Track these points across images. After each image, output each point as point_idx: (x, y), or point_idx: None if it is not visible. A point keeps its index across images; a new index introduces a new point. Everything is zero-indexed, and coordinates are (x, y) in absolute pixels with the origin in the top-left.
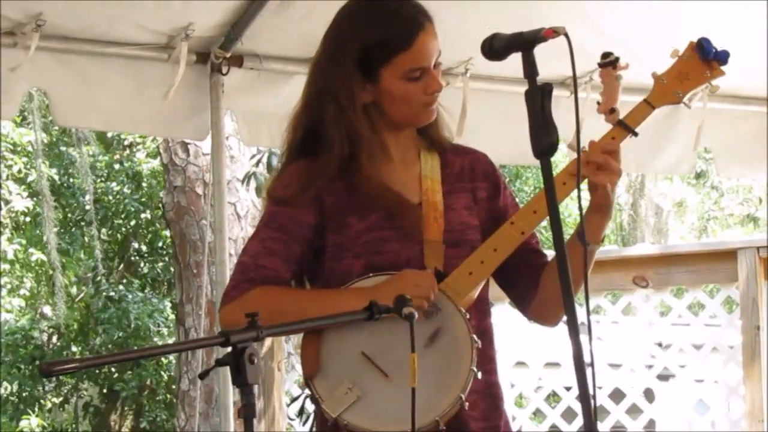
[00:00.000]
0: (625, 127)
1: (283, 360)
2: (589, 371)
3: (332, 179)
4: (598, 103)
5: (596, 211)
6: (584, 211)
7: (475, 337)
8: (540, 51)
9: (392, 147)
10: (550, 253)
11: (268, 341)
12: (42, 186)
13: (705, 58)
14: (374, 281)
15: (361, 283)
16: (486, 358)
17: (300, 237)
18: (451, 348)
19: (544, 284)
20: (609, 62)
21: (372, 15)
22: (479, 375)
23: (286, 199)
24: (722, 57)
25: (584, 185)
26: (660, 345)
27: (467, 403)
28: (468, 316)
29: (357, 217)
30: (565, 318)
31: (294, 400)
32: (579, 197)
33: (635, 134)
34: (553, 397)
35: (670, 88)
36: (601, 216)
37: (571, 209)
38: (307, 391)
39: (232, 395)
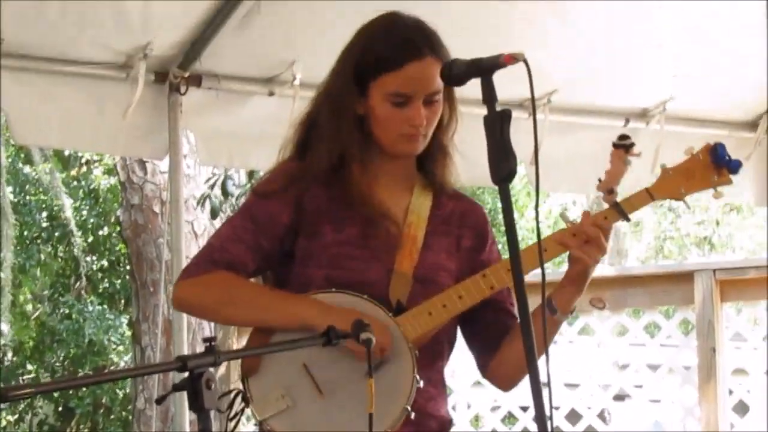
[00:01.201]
0: (619, 211)
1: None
2: (545, 392)
3: (318, 184)
4: (600, 180)
5: (572, 282)
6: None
7: (417, 377)
8: (499, 72)
9: (383, 173)
10: None
11: (224, 364)
12: (4, 204)
13: (717, 163)
14: (337, 299)
15: (323, 297)
16: (429, 396)
17: (271, 233)
18: (392, 382)
19: (507, 348)
20: (623, 145)
21: (380, 30)
22: (413, 415)
23: (267, 192)
24: (734, 166)
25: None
26: (616, 365)
27: None
28: (418, 355)
29: (333, 227)
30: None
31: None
32: (540, 250)
33: (628, 220)
34: (509, 418)
35: (675, 183)
36: (575, 288)
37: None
38: (240, 388)
39: (188, 417)
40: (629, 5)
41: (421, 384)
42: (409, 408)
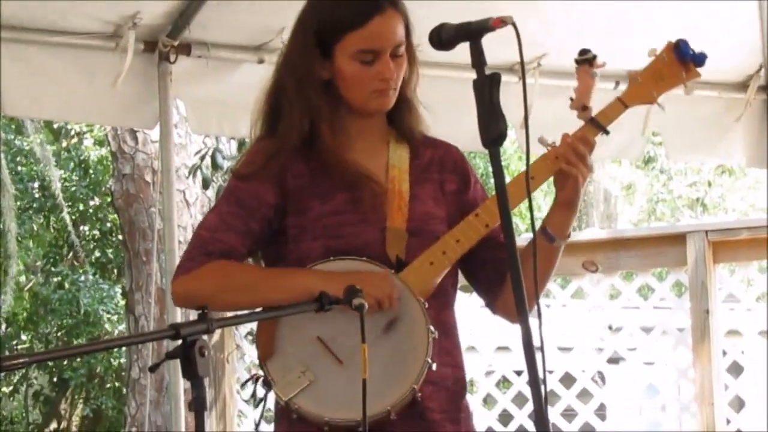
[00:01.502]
0: (596, 125)
1: (233, 352)
2: (539, 356)
3: (297, 159)
4: (571, 99)
5: (564, 205)
6: (550, 206)
7: (432, 328)
8: (488, 37)
9: (356, 134)
10: (520, 245)
11: (218, 331)
12: (4, 176)
13: (682, 60)
14: (335, 266)
15: (322, 266)
16: (443, 351)
17: (259, 214)
18: (407, 338)
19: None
20: (586, 59)
21: None
22: (434, 366)
23: (247, 174)
24: (699, 59)
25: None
26: (610, 328)
27: (420, 394)
28: (426, 306)
29: (319, 201)
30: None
31: (246, 382)
32: (528, 190)
33: (606, 132)
34: (503, 383)
35: (645, 87)
36: (568, 210)
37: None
38: (260, 373)
39: (182, 385)
40: None
41: (436, 335)
42: (430, 360)
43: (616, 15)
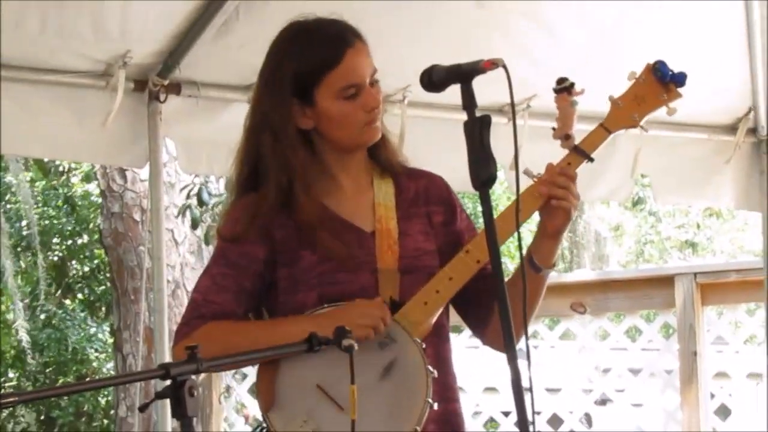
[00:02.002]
0: (581, 153)
1: (223, 394)
2: (527, 397)
3: (280, 213)
4: (554, 128)
5: (551, 236)
6: (535, 236)
7: (430, 368)
8: (478, 78)
9: (341, 174)
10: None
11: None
12: None
13: (662, 81)
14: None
15: (315, 313)
16: (444, 387)
17: (250, 272)
18: (406, 380)
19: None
20: (564, 87)
21: (299, 40)
22: (435, 406)
23: (235, 235)
24: (679, 79)
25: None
26: (598, 370)
27: None
28: (424, 346)
29: (309, 250)
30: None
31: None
32: (518, 222)
33: (591, 160)
34: (491, 423)
35: (627, 111)
36: (553, 240)
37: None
38: (264, 425)
39: (170, 424)
40: (607, 12)
41: (435, 374)
42: (430, 401)
43: (604, 56)
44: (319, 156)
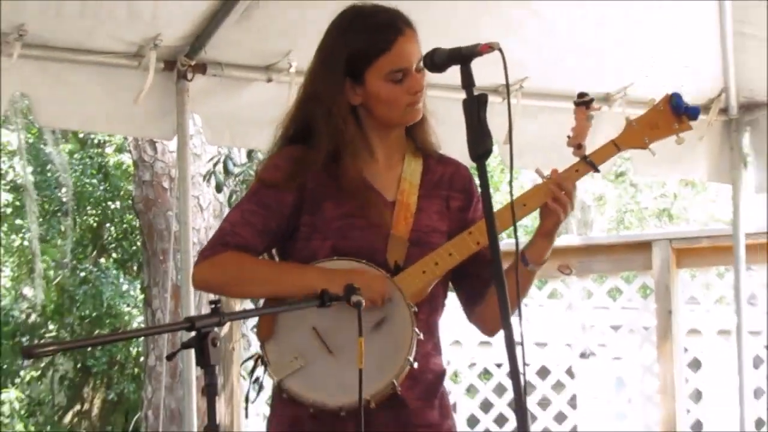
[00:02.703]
0: (590, 164)
1: (240, 340)
2: (518, 350)
3: (320, 172)
4: (569, 137)
5: (543, 235)
6: (533, 235)
7: (417, 330)
8: (476, 61)
9: (378, 147)
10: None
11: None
12: (26, 181)
13: (676, 112)
14: (337, 264)
15: (324, 264)
16: (427, 350)
17: (278, 214)
18: (394, 337)
19: (492, 297)
20: (584, 102)
21: (356, 23)
22: (416, 365)
23: (272, 181)
24: (692, 113)
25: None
26: (582, 327)
27: (400, 388)
28: (416, 310)
29: (333, 203)
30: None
31: (247, 359)
32: (513, 214)
33: (597, 171)
34: (485, 374)
35: (640, 133)
36: (546, 240)
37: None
38: (259, 352)
39: (194, 372)
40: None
41: (421, 336)
42: (411, 359)
43: (591, 41)
44: (364, 129)
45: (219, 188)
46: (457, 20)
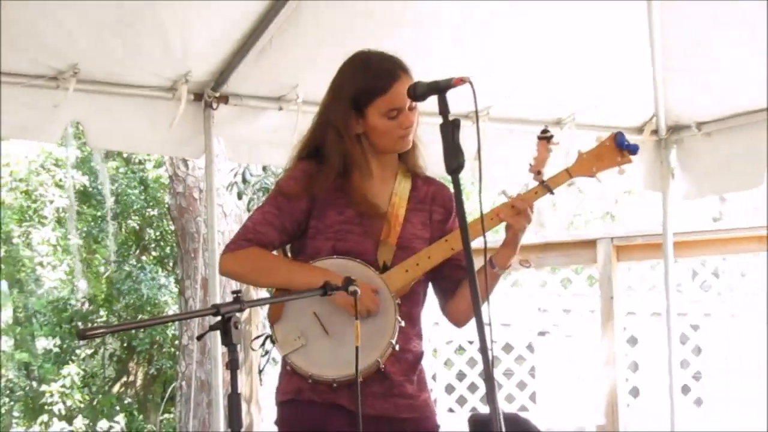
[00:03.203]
0: (546, 188)
1: (257, 323)
2: (487, 330)
3: (331, 187)
4: (530, 164)
5: (507, 245)
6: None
7: (399, 318)
8: (450, 91)
9: (375, 168)
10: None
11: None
12: (69, 193)
13: (619, 147)
14: (336, 262)
15: (326, 261)
16: (407, 336)
17: (292, 217)
18: (380, 323)
19: (461, 296)
20: (545, 137)
21: (362, 67)
22: (397, 347)
23: (290, 191)
24: (633, 149)
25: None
26: (539, 310)
27: (384, 366)
28: (399, 302)
29: (336, 212)
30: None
31: (257, 337)
32: (483, 224)
33: (552, 193)
34: (459, 350)
35: (588, 164)
36: (510, 249)
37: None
38: (269, 332)
39: (220, 349)
40: (547, 39)
41: (403, 323)
42: (393, 341)
43: (547, 77)
44: (365, 153)
45: (240, 196)
46: (430, 56)
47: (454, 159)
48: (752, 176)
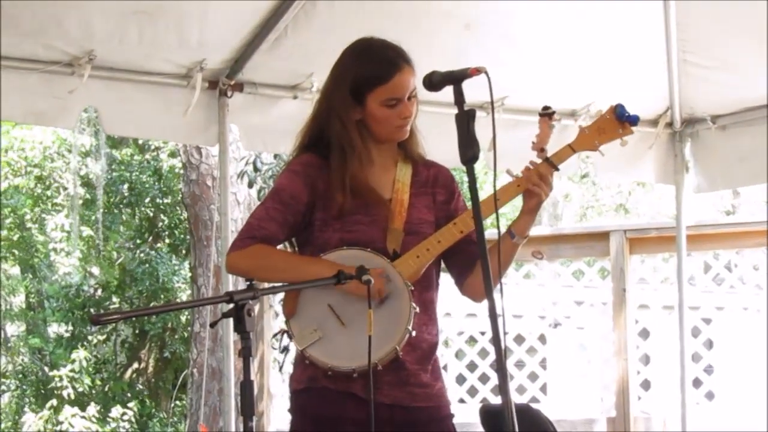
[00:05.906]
0: (550, 164)
1: (269, 311)
2: (499, 321)
3: (328, 171)
4: (533, 142)
5: (527, 212)
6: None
7: (414, 304)
8: (466, 82)
9: (376, 156)
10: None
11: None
12: (98, 184)
13: (620, 120)
14: (346, 253)
15: (335, 254)
16: (422, 322)
17: (295, 210)
18: (395, 310)
19: (477, 270)
20: (547, 113)
21: (364, 55)
22: (413, 333)
23: (291, 187)
24: (633, 120)
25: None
26: (551, 302)
27: (401, 353)
28: (412, 289)
29: (340, 202)
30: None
31: (276, 334)
32: (495, 201)
33: (557, 169)
34: (471, 341)
35: (590, 138)
36: (530, 216)
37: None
38: (285, 327)
39: (233, 337)
40: (563, 31)
41: (417, 309)
42: (410, 328)
43: (560, 67)
44: (365, 141)
45: (251, 184)
46: (444, 51)
47: (469, 149)
48: (766, 170)
